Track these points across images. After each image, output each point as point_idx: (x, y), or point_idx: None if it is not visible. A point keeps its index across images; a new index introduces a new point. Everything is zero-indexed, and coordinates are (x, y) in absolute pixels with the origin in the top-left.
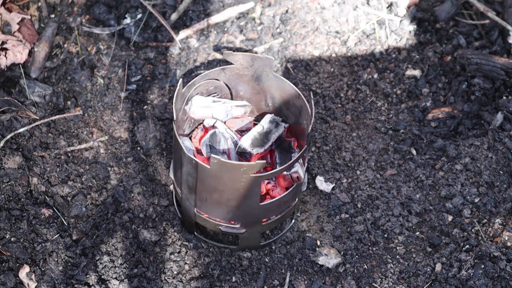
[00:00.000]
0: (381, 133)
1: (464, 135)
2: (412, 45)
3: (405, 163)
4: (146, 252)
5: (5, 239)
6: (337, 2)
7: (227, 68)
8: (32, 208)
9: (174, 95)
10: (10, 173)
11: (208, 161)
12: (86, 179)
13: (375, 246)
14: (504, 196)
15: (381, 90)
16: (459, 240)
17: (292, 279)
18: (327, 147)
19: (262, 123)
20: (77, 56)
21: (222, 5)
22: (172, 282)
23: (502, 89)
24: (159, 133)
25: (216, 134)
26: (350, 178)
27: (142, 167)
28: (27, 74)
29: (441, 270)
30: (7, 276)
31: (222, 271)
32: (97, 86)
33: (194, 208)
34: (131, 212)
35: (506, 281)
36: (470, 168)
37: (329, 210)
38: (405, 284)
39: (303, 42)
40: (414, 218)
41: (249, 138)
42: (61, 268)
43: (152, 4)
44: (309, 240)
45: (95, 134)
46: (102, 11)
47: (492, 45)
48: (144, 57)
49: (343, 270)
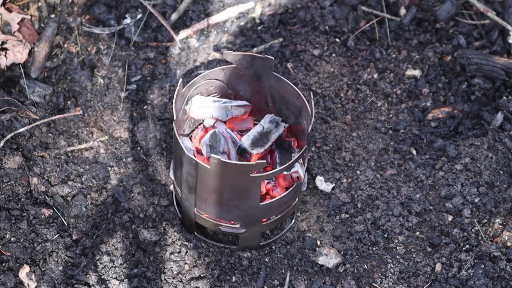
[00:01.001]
0: (381, 133)
1: (464, 135)
2: (412, 45)
3: (405, 163)
4: (146, 252)
5: (5, 239)
6: (337, 2)
7: (227, 68)
8: (32, 208)
9: (174, 95)
10: (10, 173)
11: (208, 161)
12: (86, 179)
13: (375, 246)
14: (504, 196)
15: (381, 90)
16: (459, 240)
17: (292, 279)
18: (327, 147)
19: (262, 123)
20: (77, 56)
21: (222, 5)
22: (172, 282)
23: (502, 89)
24: (159, 133)
25: (216, 134)
26: (350, 178)
27: (142, 167)
28: (27, 74)
29: (441, 270)
30: (7, 276)
31: (222, 271)
32: (97, 86)
33: (194, 208)
34: (131, 212)
35: (506, 281)
36: (470, 168)
37: (329, 210)
38: (405, 284)
39: (303, 42)
40: (414, 218)
41: (249, 138)
42: (61, 268)
43: (152, 4)
44: (309, 240)
45: (95, 134)
46: (102, 11)
47: (492, 45)
48: (144, 57)
49: (343, 270)
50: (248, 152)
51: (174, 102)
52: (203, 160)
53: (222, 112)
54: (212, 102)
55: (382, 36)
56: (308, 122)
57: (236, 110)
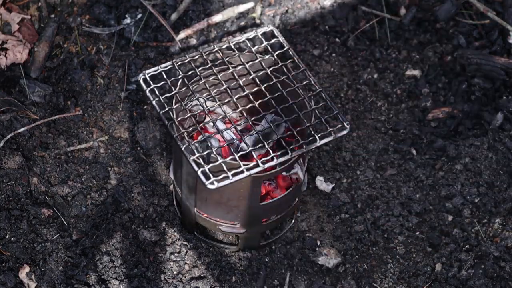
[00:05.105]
0: (381, 133)
1: (464, 135)
2: (412, 45)
3: (405, 163)
4: (146, 252)
5: (5, 239)
6: (337, 2)
7: (227, 68)
8: (32, 208)
9: (174, 95)
10: (10, 173)
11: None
12: (86, 179)
13: (375, 246)
14: (504, 196)
15: (381, 90)
16: (459, 240)
17: (292, 279)
18: (327, 147)
19: (262, 123)
20: (77, 56)
21: (222, 5)
22: (172, 282)
23: (502, 89)
24: (159, 133)
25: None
26: (350, 178)
27: (142, 167)
28: (27, 74)
29: (441, 270)
30: (7, 276)
31: (222, 271)
32: (97, 86)
33: (194, 208)
34: (131, 212)
35: (506, 281)
36: (470, 168)
37: (329, 210)
38: (405, 284)
39: (303, 42)
40: (414, 218)
41: (249, 138)
42: (61, 268)
43: (152, 4)
44: (309, 240)
45: (95, 134)
46: (102, 11)
47: (492, 45)
48: (144, 57)
49: (343, 270)
50: (248, 152)
51: (174, 102)
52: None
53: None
54: (212, 102)
55: (382, 36)
56: (308, 122)
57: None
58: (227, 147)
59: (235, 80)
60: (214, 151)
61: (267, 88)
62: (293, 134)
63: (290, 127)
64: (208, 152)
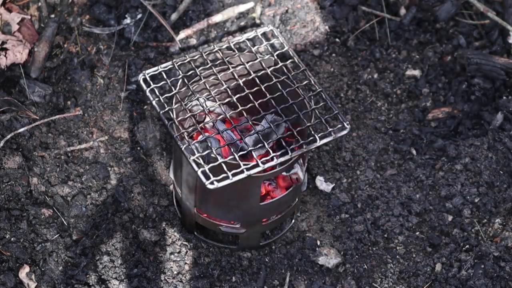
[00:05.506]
0: (381, 133)
1: (464, 135)
2: (412, 45)
3: (405, 163)
4: (146, 252)
5: (5, 239)
6: (337, 2)
7: (227, 68)
8: (32, 208)
9: (174, 95)
10: (10, 173)
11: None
12: (86, 179)
13: (375, 246)
14: (504, 196)
15: (381, 90)
16: (459, 240)
17: (292, 279)
18: (327, 147)
19: (262, 123)
20: (77, 56)
21: (222, 5)
22: (172, 282)
23: (502, 89)
24: (159, 133)
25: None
26: (350, 178)
27: (142, 167)
28: (27, 74)
29: (441, 270)
30: (7, 276)
31: (222, 271)
32: (97, 86)
33: (194, 208)
34: (131, 212)
35: (506, 281)
36: (470, 168)
37: (329, 210)
38: (405, 284)
39: (303, 42)
40: (414, 218)
41: (249, 138)
42: (61, 268)
43: (152, 4)
44: (309, 240)
45: (95, 134)
46: (102, 11)
47: (492, 45)
48: (144, 57)
49: (343, 270)
50: (248, 152)
51: (174, 102)
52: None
53: (221, 112)
54: (211, 102)
55: (382, 36)
56: (308, 122)
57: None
58: (227, 147)
59: (235, 80)
60: (214, 151)
61: (267, 88)
62: (293, 134)
63: (290, 127)
64: (208, 152)
